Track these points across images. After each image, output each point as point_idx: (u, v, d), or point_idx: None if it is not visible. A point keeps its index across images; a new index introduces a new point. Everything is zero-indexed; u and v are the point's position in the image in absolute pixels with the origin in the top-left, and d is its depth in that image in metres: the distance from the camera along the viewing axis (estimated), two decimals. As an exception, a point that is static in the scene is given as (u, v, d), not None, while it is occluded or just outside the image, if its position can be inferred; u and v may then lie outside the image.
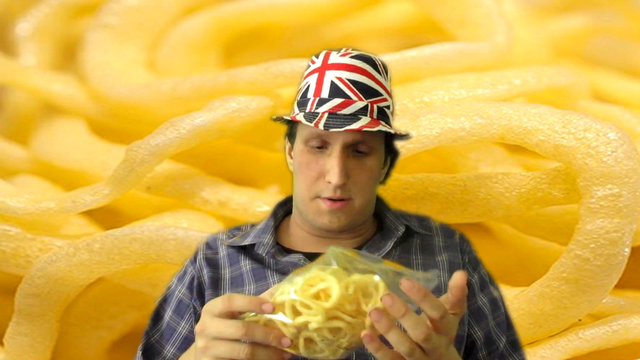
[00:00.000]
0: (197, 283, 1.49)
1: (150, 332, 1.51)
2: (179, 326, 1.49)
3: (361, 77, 1.44)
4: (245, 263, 1.49)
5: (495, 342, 1.49)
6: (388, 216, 1.50)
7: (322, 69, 1.45)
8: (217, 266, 1.50)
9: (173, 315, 1.50)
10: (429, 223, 1.53)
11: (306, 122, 1.41)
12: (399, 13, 2.29)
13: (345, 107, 1.42)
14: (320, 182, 1.43)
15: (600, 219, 1.64)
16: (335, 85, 1.43)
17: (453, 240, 1.52)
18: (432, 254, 1.49)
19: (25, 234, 1.80)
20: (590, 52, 2.50)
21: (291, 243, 1.50)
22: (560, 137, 1.67)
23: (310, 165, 1.43)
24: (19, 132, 2.16)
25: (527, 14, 2.33)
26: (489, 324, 1.49)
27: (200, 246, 1.53)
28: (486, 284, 1.51)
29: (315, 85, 1.45)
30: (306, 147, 1.44)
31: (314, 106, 1.43)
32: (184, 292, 1.50)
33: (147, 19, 2.15)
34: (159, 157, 1.78)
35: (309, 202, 1.44)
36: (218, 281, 1.48)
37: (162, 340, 1.50)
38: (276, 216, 1.52)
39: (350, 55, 1.45)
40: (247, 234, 1.51)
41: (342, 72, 1.44)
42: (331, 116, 1.42)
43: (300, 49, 2.24)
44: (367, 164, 1.44)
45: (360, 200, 1.44)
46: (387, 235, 1.49)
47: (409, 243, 1.50)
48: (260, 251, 1.47)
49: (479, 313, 1.48)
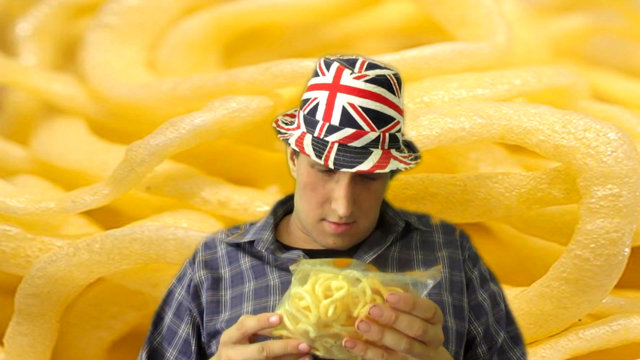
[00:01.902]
0: (193, 285, 1.49)
1: (152, 336, 1.52)
2: (179, 329, 1.49)
3: (375, 105, 1.39)
4: (245, 260, 1.49)
5: (494, 337, 1.49)
6: (388, 212, 1.50)
7: (334, 89, 1.40)
8: (216, 266, 1.50)
9: (173, 317, 1.50)
10: (428, 220, 1.53)
11: (315, 159, 1.38)
12: (399, 13, 2.29)
13: (356, 139, 1.39)
14: (326, 206, 1.42)
15: (600, 219, 1.64)
16: (346, 112, 1.39)
17: (453, 237, 1.52)
18: (432, 250, 1.49)
19: (25, 234, 1.80)
20: (590, 52, 2.50)
21: (291, 241, 1.50)
22: (560, 137, 1.67)
23: (317, 189, 1.42)
24: (19, 132, 2.16)
25: (527, 14, 2.33)
26: (488, 320, 1.49)
27: (198, 248, 1.53)
28: (486, 280, 1.51)
29: (325, 107, 1.40)
30: (313, 170, 1.42)
31: (323, 133, 1.40)
32: (183, 295, 1.50)
33: (147, 19, 2.15)
34: (159, 157, 1.78)
35: (314, 223, 1.44)
36: (219, 281, 1.48)
37: (164, 343, 1.50)
38: (276, 214, 1.52)
39: (365, 78, 1.39)
40: (246, 232, 1.51)
41: (354, 97, 1.39)
42: (341, 149, 1.38)
43: (300, 49, 2.24)
44: (374, 188, 1.43)
45: (365, 222, 1.44)
46: (387, 232, 1.49)
47: (409, 239, 1.50)
48: (259, 247, 1.47)
49: (479, 309, 1.49)
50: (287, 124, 1.47)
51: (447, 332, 1.44)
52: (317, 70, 1.44)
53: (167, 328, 1.50)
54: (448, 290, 1.46)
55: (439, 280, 1.36)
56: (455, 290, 1.47)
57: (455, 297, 1.46)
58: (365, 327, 1.28)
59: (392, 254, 1.48)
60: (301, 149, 1.40)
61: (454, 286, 1.47)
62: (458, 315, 1.46)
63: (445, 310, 1.44)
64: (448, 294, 1.46)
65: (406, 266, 1.47)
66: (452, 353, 1.43)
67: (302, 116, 1.43)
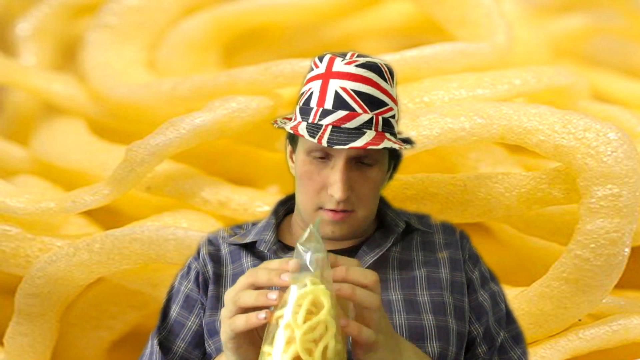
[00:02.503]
0: (202, 278, 1.49)
1: (158, 331, 1.51)
2: (188, 321, 1.49)
3: (366, 88, 1.41)
4: (247, 260, 1.49)
5: (494, 337, 1.49)
6: (388, 213, 1.50)
7: (326, 77, 1.43)
8: (219, 262, 1.50)
9: (180, 310, 1.50)
10: (428, 220, 1.54)
11: (309, 138, 1.39)
12: (399, 13, 2.29)
13: (349, 120, 1.40)
14: (322, 194, 1.42)
15: (600, 219, 1.64)
16: (339, 95, 1.41)
17: (454, 238, 1.52)
18: (432, 251, 1.49)
19: (25, 234, 1.80)
20: (590, 52, 2.50)
21: (292, 241, 1.50)
22: (560, 137, 1.67)
23: (313, 177, 1.43)
24: (19, 132, 2.16)
25: (527, 14, 2.33)
26: (489, 320, 1.49)
27: (202, 243, 1.53)
28: (487, 280, 1.51)
29: (318, 94, 1.42)
30: (308, 158, 1.43)
31: (317, 117, 1.41)
32: (191, 287, 1.50)
33: (147, 19, 2.15)
34: (159, 157, 1.78)
35: (311, 212, 1.44)
36: (220, 278, 1.48)
37: (170, 337, 1.50)
38: (277, 214, 1.52)
39: (356, 63, 1.42)
40: (248, 232, 1.52)
41: (346, 82, 1.41)
42: (335, 130, 1.40)
43: (300, 49, 2.24)
44: (371, 176, 1.43)
45: (363, 211, 1.44)
46: (387, 232, 1.49)
47: (409, 240, 1.50)
48: (261, 248, 1.47)
49: (479, 309, 1.49)
50: (285, 124, 1.47)
51: (449, 333, 1.44)
52: (311, 66, 1.46)
53: (173, 321, 1.50)
54: (449, 291, 1.46)
55: (439, 282, 1.37)
56: (456, 291, 1.47)
57: (456, 298, 1.46)
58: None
59: (392, 254, 1.48)
60: (296, 132, 1.41)
61: (455, 287, 1.47)
62: (459, 316, 1.46)
63: (446, 311, 1.45)
64: (449, 295, 1.46)
65: (407, 267, 1.47)
66: (453, 354, 1.43)
67: (298, 108, 1.45)
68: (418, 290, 1.45)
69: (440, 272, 1.47)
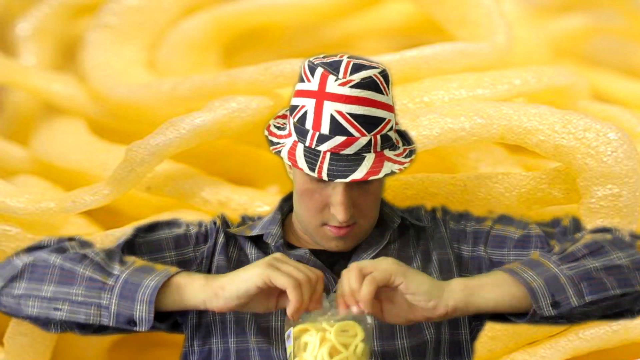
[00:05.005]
0: (204, 239, 1.50)
1: (139, 232, 1.50)
2: (166, 251, 1.49)
3: (363, 109, 1.39)
4: (252, 252, 1.50)
5: (535, 236, 1.48)
6: (384, 210, 1.51)
7: (320, 97, 1.39)
8: (229, 240, 1.51)
9: (169, 239, 1.50)
10: (420, 213, 1.54)
11: (309, 172, 1.38)
12: (399, 13, 2.29)
13: (347, 146, 1.39)
14: (325, 212, 1.43)
15: (600, 219, 1.65)
16: (335, 120, 1.38)
17: (437, 223, 1.52)
18: (427, 246, 1.50)
19: (25, 234, 1.79)
20: (590, 52, 2.50)
21: (294, 239, 1.51)
22: (560, 137, 1.67)
23: (314, 197, 1.42)
24: (19, 132, 2.16)
25: (527, 14, 2.33)
26: (514, 238, 1.49)
27: (219, 216, 1.53)
28: (479, 232, 1.51)
29: (313, 116, 1.40)
30: (308, 177, 1.42)
31: (314, 142, 1.40)
32: (192, 234, 1.50)
33: (147, 19, 2.15)
34: (159, 157, 1.78)
35: (315, 228, 1.45)
36: (228, 254, 1.49)
37: (143, 248, 1.49)
38: (282, 210, 1.53)
39: (350, 84, 1.38)
40: (254, 226, 1.53)
41: (342, 105, 1.38)
42: (333, 158, 1.39)
43: (300, 49, 2.24)
44: (372, 190, 1.43)
45: (366, 222, 1.45)
46: (383, 230, 1.49)
47: (406, 238, 1.51)
48: (268, 241, 1.48)
49: (497, 241, 1.49)
50: (278, 128, 1.47)
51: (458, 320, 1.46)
52: (302, 74, 1.43)
53: (156, 240, 1.50)
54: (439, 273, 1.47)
55: None
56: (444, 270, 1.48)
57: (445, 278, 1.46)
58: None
59: (391, 252, 1.48)
60: (294, 163, 1.40)
61: (442, 267, 1.48)
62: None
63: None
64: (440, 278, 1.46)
65: (406, 264, 1.47)
66: (464, 339, 1.47)
67: (292, 124, 1.43)
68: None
69: (433, 266, 1.49)
